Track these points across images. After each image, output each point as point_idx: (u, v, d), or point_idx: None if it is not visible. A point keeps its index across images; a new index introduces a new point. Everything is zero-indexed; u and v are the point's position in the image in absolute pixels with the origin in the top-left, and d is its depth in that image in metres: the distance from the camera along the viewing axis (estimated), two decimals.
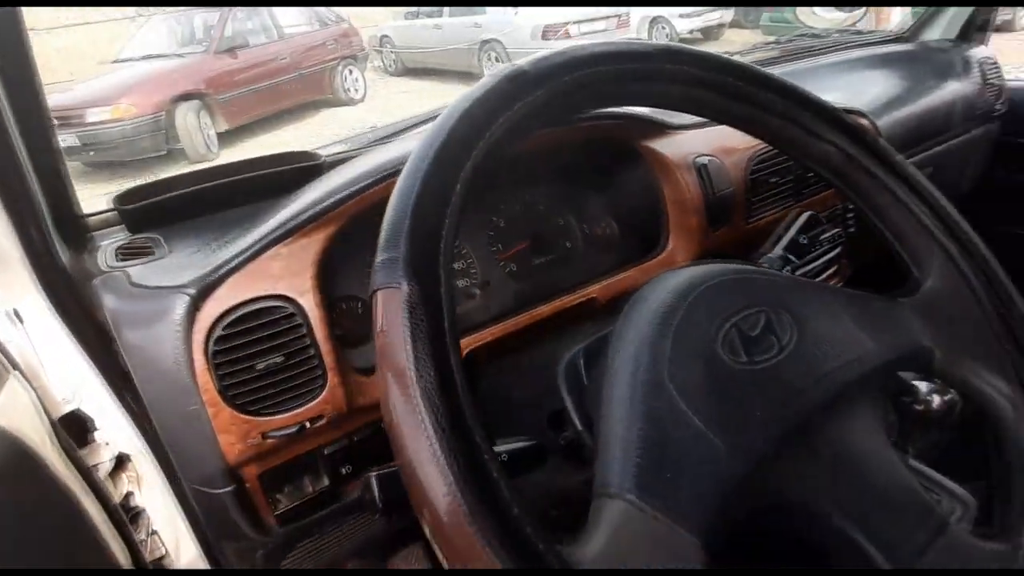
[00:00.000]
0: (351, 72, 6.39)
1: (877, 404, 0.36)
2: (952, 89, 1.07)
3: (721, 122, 0.43)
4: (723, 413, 0.31)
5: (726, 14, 8.28)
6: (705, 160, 0.66)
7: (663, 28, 8.12)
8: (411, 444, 0.25)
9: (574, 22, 7.09)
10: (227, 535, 0.49)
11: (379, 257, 0.28)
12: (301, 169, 0.57)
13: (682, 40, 7.99)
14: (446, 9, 7.78)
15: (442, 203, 0.29)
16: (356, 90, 6.47)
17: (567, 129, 0.58)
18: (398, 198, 0.29)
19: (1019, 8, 6.02)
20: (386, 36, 8.48)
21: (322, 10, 6.43)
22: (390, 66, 8.54)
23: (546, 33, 6.83)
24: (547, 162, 0.65)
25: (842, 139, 0.43)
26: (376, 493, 0.37)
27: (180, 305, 0.44)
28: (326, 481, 0.50)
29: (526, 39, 6.92)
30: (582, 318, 0.58)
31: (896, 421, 0.45)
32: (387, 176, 0.50)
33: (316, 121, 5.87)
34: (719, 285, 0.36)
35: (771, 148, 0.69)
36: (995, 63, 1.15)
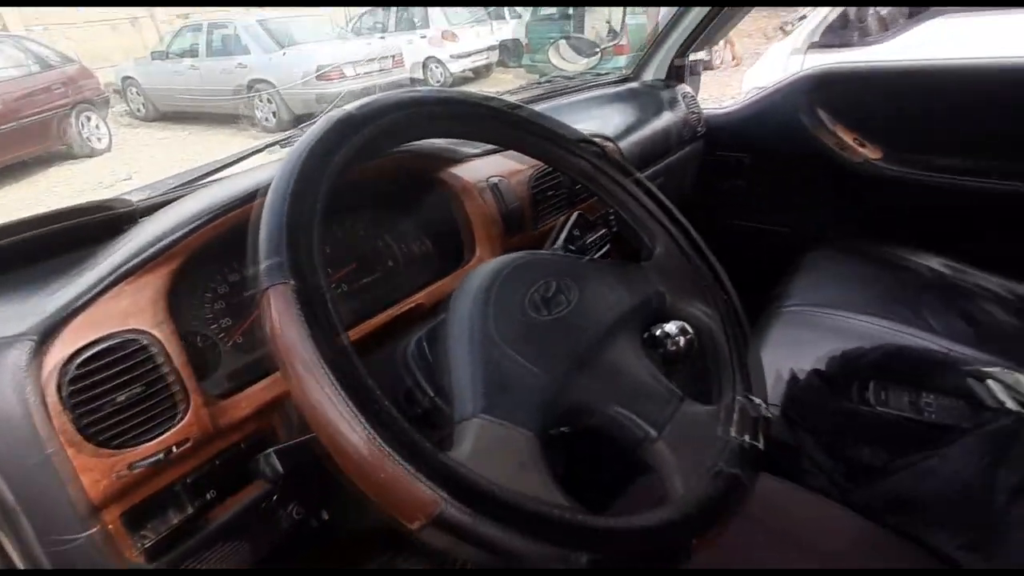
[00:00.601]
0: (89, 119, 5.60)
1: (635, 333, 0.53)
2: (668, 118, 1.42)
3: (508, 148, 0.58)
4: (536, 351, 0.45)
5: (492, 55, 9.20)
6: (496, 180, 0.82)
7: (436, 68, 8.72)
8: (330, 409, 0.33)
9: (349, 63, 7.20)
10: None
11: (263, 264, 0.35)
12: (113, 216, 0.57)
13: (456, 79, 8.68)
14: (203, 49, 7.29)
15: (309, 216, 0.38)
16: (99, 139, 5.69)
17: (380, 161, 0.68)
18: (271, 215, 0.37)
19: (715, 48, 7.82)
20: (129, 78, 7.62)
21: (43, 50, 5.55)
22: (138, 110, 7.68)
23: (321, 73, 6.82)
24: (363, 192, 0.74)
25: (592, 156, 0.62)
26: (278, 467, 0.42)
27: (22, 352, 0.43)
28: (190, 509, 0.51)
29: (298, 79, 6.83)
30: (414, 321, 0.68)
31: (660, 360, 0.64)
32: (222, 212, 0.55)
33: (47, 178, 5.01)
34: (520, 265, 0.51)
35: (546, 168, 0.88)
36: (693, 96, 1.55)
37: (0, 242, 0.52)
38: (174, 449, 0.48)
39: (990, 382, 0.75)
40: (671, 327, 0.61)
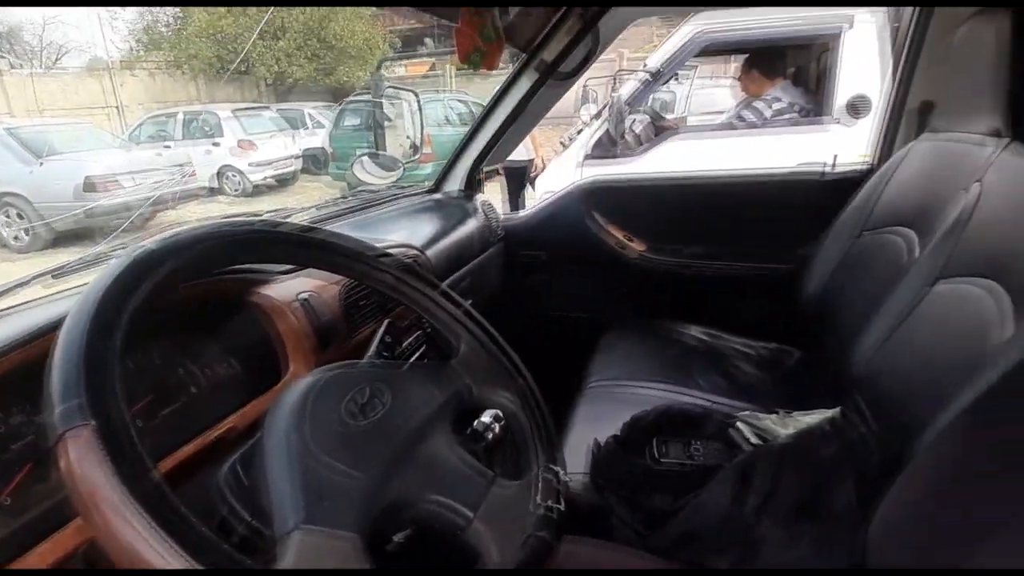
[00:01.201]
0: None
1: (446, 426, 0.60)
2: (470, 225, 1.60)
3: (315, 268, 0.64)
4: (354, 456, 0.49)
5: (296, 164, 9.23)
6: (306, 296, 0.86)
7: (233, 177, 8.47)
8: (146, 549, 0.34)
9: (127, 173, 6.67)
10: None
11: (59, 408, 0.36)
12: None
13: (256, 187, 8.49)
14: None
15: (109, 355, 0.39)
16: None
17: (184, 288, 0.69)
18: (63, 357, 0.38)
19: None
20: None
21: None
22: None
23: (91, 185, 6.20)
24: (158, 319, 0.73)
25: (393, 269, 0.71)
26: None
27: None
28: None
29: (64, 192, 6.12)
30: (229, 445, 0.67)
31: (481, 451, 0.72)
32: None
33: None
34: (334, 377, 0.56)
35: (355, 282, 0.95)
36: (491, 205, 1.77)
37: None
38: None
39: (740, 424, 0.96)
40: (486, 418, 0.70)
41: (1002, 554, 0.48)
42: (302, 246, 0.63)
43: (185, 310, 0.75)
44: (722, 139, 2.83)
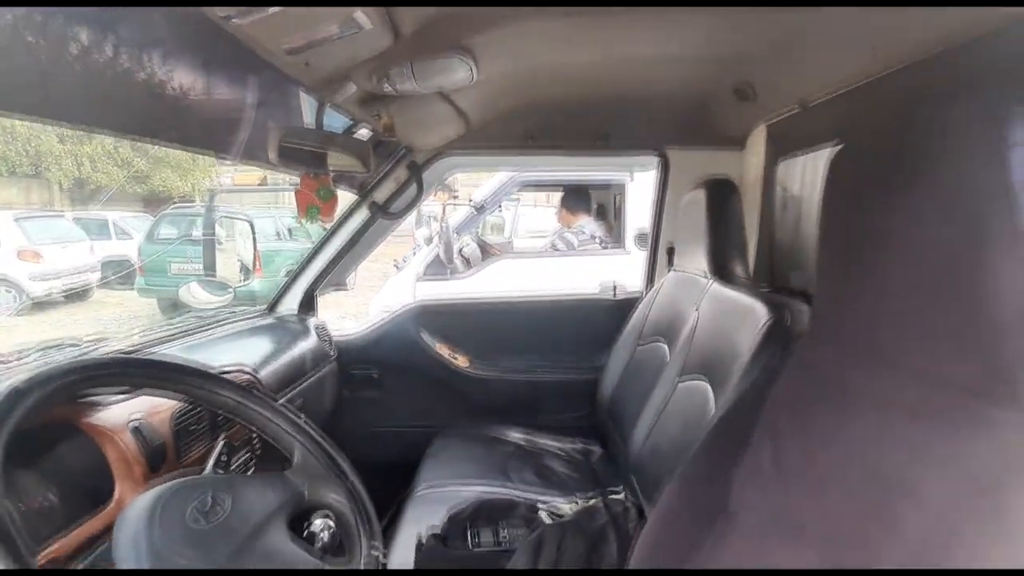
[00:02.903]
0: None
1: (283, 523, 0.73)
2: (303, 345, 1.71)
3: (156, 392, 0.75)
4: (201, 553, 0.61)
5: (93, 276, 8.37)
6: (137, 423, 0.93)
7: (8, 292, 7.43)
8: None
9: None
10: None
11: None
12: None
13: (37, 302, 7.49)
14: None
15: None
16: None
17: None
18: None
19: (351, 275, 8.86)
20: None
21: None
22: None
23: None
24: None
25: (230, 391, 0.83)
26: None
27: None
28: None
29: None
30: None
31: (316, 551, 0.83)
32: None
33: None
34: (178, 487, 0.67)
35: (187, 405, 1.03)
36: (324, 326, 1.90)
37: None
38: None
39: (541, 511, 1.17)
40: (317, 523, 0.82)
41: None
42: (158, 372, 0.74)
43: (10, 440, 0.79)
44: (538, 261, 3.30)
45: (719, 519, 0.81)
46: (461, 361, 1.95)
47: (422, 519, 1.24)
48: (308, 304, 1.91)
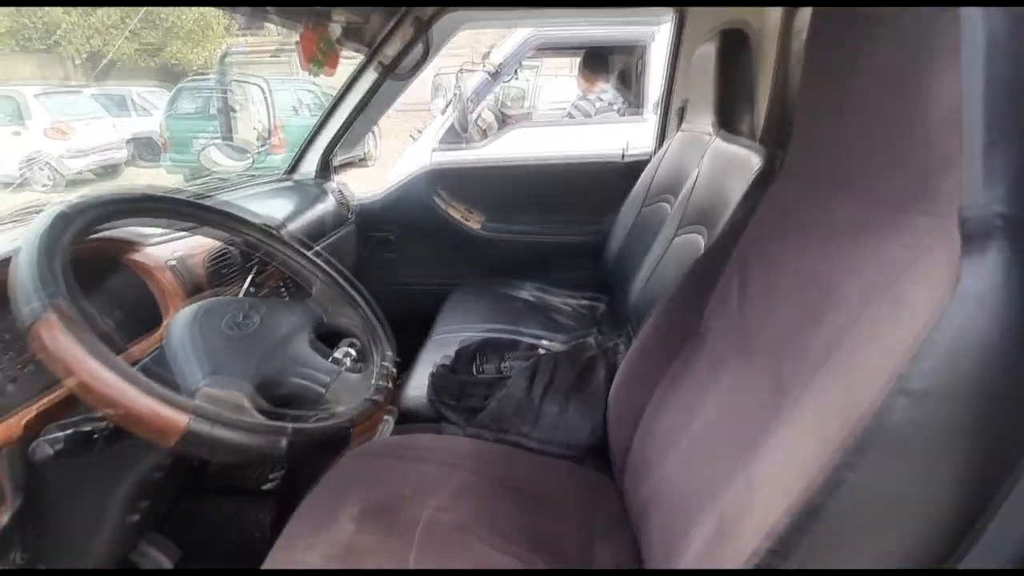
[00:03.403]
0: None
1: (305, 337, 0.84)
2: (321, 207, 1.79)
3: (196, 230, 0.84)
4: (237, 350, 0.72)
5: (120, 154, 8.47)
6: (175, 262, 1.04)
7: (41, 171, 7.60)
8: (108, 384, 0.55)
9: None
10: None
11: (26, 307, 0.56)
12: None
13: (72, 179, 7.69)
14: None
15: (53, 271, 0.59)
16: None
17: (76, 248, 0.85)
18: (24, 272, 0.57)
19: (371, 149, 8.84)
20: None
21: None
22: None
23: None
24: None
25: (262, 235, 0.93)
26: (49, 451, 0.59)
27: None
28: None
29: None
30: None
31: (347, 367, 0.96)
32: None
33: None
34: (215, 303, 0.78)
35: (217, 250, 1.13)
36: (341, 190, 1.98)
37: None
38: None
39: (544, 342, 1.30)
40: (339, 352, 0.94)
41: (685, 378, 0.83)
42: (185, 207, 0.83)
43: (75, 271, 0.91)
44: (554, 130, 3.25)
45: (689, 342, 0.91)
46: (474, 222, 2.02)
47: (435, 358, 1.39)
48: (325, 169, 1.97)
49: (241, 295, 0.98)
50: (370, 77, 1.78)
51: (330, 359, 0.90)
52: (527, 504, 0.92)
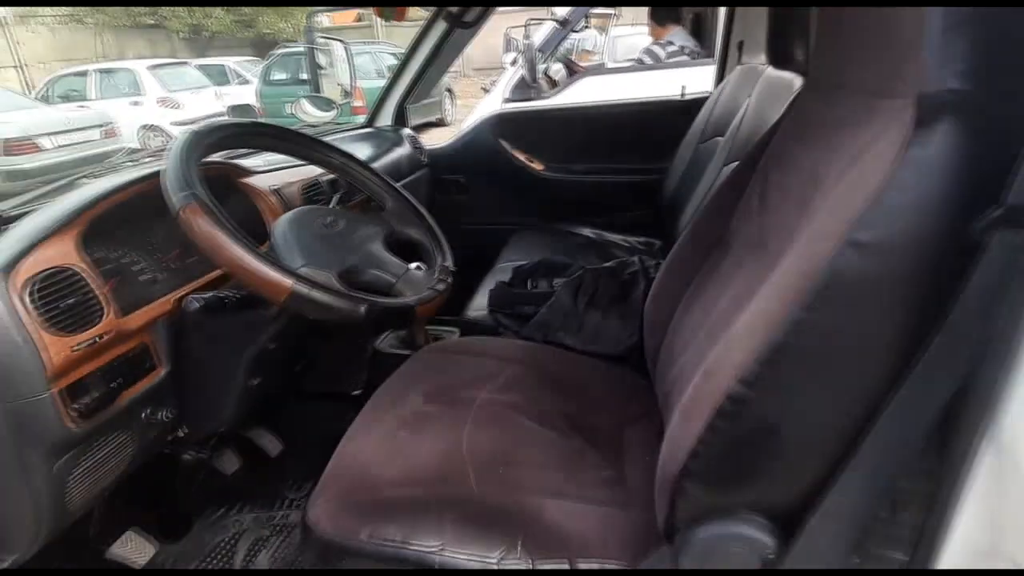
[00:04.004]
0: None
1: (380, 240, 1.01)
2: (398, 151, 1.97)
3: (301, 159, 1.03)
4: (326, 243, 0.90)
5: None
6: (277, 187, 1.23)
7: (156, 137, 8.34)
8: (240, 257, 0.73)
9: (45, 134, 6.57)
10: (37, 437, 0.75)
11: (176, 196, 0.74)
12: None
13: None
14: None
15: (192, 174, 0.77)
16: None
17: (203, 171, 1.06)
18: (171, 173, 0.76)
19: (448, 110, 9.05)
20: None
21: None
22: None
23: (9, 148, 6.13)
24: None
25: (336, 153, 1.10)
26: (195, 304, 0.79)
27: None
28: (105, 389, 0.82)
29: None
30: None
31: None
32: (110, 193, 0.89)
33: None
34: (309, 209, 0.96)
35: (311, 181, 1.32)
36: (415, 136, 2.14)
37: None
38: (98, 339, 0.80)
39: (591, 270, 1.42)
40: (412, 264, 1.10)
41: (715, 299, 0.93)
42: (284, 134, 1.01)
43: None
44: (623, 77, 3.25)
45: (716, 249, 1.00)
46: (536, 165, 2.13)
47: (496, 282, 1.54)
48: (400, 117, 2.13)
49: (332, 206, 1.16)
50: (439, 28, 1.90)
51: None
52: (568, 394, 1.06)
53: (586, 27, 4.13)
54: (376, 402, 1.03)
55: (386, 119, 2.13)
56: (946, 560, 0.57)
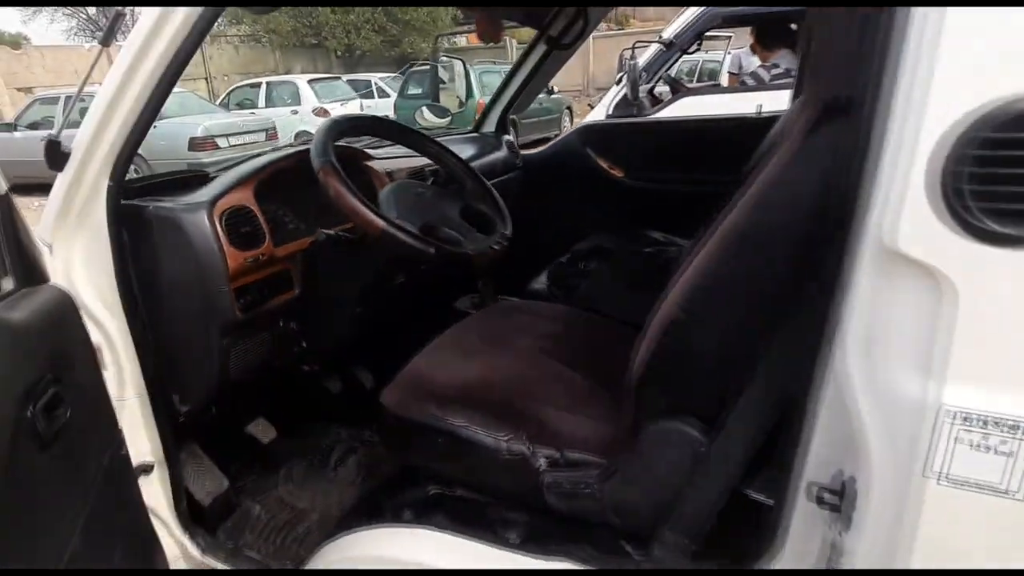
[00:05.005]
0: None
1: (456, 207, 1.31)
2: (496, 154, 2.28)
3: (415, 151, 1.38)
4: (415, 204, 1.22)
5: None
6: (391, 170, 1.58)
7: (308, 142, 9.44)
8: (360, 210, 1.07)
9: (223, 135, 7.73)
10: (218, 317, 1.13)
11: (317, 160, 1.09)
12: (201, 174, 1.26)
13: None
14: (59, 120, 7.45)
15: (330, 146, 1.12)
16: None
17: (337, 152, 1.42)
18: (317, 145, 1.11)
19: (567, 127, 9.44)
20: None
21: None
22: None
23: (195, 145, 7.30)
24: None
25: (434, 145, 1.42)
26: (323, 234, 1.14)
27: (204, 210, 1.10)
28: (258, 294, 1.19)
29: (171, 152, 7.28)
30: None
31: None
32: (273, 162, 1.27)
33: None
34: (406, 181, 1.29)
35: (417, 168, 1.65)
36: (512, 142, 2.45)
37: (163, 179, 1.20)
38: (260, 258, 1.17)
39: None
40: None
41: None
42: (396, 128, 1.36)
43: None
44: (722, 98, 3.38)
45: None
46: (617, 172, 2.36)
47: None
48: (503, 126, 2.45)
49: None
50: (540, 50, 2.20)
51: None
52: (596, 348, 1.29)
53: (697, 49, 4.27)
54: (445, 337, 1.33)
55: (490, 126, 2.47)
56: None
